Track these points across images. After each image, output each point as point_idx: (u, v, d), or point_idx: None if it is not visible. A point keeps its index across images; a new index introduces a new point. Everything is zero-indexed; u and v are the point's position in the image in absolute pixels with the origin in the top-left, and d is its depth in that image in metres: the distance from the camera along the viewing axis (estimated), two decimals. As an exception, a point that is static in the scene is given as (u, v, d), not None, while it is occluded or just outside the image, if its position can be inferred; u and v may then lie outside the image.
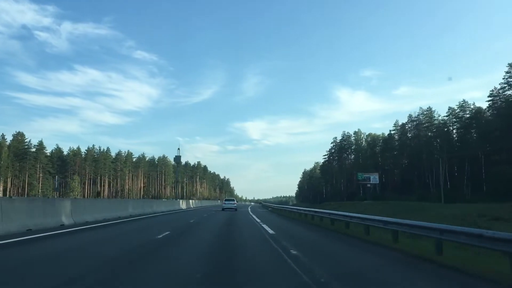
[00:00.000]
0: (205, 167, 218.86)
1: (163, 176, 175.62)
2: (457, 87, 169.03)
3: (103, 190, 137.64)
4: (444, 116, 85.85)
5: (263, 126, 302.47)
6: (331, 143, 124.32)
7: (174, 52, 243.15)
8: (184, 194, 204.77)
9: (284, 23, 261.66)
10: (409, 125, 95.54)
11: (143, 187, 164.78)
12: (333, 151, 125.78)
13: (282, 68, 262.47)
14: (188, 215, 32.68)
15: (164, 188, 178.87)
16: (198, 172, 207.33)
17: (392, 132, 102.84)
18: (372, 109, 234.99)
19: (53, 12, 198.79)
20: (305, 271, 7.03)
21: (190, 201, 56.13)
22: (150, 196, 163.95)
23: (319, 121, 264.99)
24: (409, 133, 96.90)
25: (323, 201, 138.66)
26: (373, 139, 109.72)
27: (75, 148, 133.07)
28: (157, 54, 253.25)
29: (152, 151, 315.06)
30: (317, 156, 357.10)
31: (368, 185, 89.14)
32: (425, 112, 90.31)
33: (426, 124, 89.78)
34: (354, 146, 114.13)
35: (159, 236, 12.73)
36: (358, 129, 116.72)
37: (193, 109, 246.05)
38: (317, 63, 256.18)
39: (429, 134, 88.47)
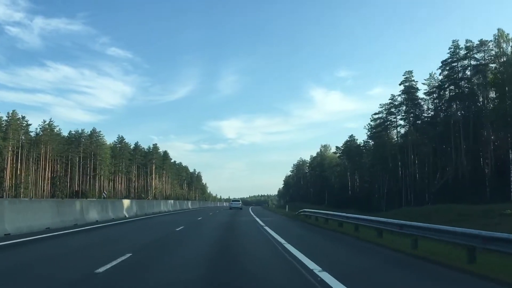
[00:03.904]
0: (165, 153, 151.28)
1: (91, 162, 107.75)
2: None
3: None
4: None
5: (239, 125, 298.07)
6: (403, 78, 59.64)
7: (150, 50, 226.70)
8: (135, 190, 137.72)
9: (261, 23, 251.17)
10: None
11: (51, 178, 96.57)
12: (399, 100, 60.65)
13: (258, 67, 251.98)
14: None
15: (96, 180, 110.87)
16: (154, 159, 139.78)
17: None
18: (346, 109, 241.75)
19: (25, 6, 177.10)
20: None
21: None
22: (64, 195, 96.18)
23: (294, 121, 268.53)
24: None
25: (355, 204, 75.33)
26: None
27: None
28: (132, 51, 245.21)
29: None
30: (295, 154, 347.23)
31: None
32: None
33: None
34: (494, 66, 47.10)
35: None
36: (499, 29, 48.56)
37: (168, 108, 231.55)
38: (293, 63, 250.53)
39: None
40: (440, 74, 51.40)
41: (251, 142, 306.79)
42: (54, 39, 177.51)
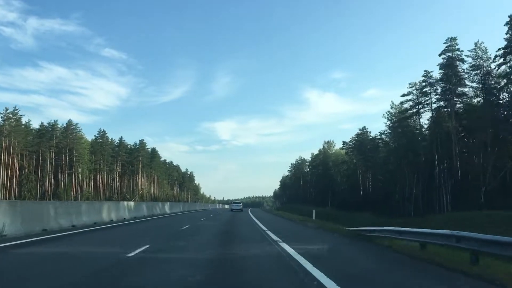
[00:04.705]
0: (153, 150, 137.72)
1: (66, 159, 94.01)
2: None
3: None
4: None
5: (233, 127, 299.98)
6: (445, 46, 44.78)
7: (144, 51, 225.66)
8: (119, 190, 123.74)
9: (255, 24, 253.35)
10: None
11: (17, 176, 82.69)
12: (435, 77, 47.11)
13: (252, 68, 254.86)
14: None
15: (72, 179, 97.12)
16: (141, 156, 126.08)
17: None
18: (340, 111, 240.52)
19: (19, 7, 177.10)
20: None
21: None
22: (33, 196, 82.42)
23: (288, 122, 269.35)
24: None
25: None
26: None
27: None
28: (127, 52, 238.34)
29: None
30: (289, 156, 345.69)
31: None
32: None
33: None
34: None
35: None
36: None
37: (162, 109, 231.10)
38: (287, 64, 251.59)
39: None
40: (507, 33, 38.43)
41: (245, 143, 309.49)
42: (48, 40, 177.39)
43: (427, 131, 54.23)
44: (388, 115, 62.26)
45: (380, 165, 72.35)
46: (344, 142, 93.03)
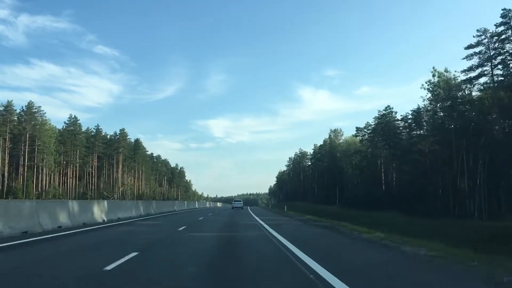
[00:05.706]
0: (137, 141, 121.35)
1: (25, 148, 77.50)
2: (416, 87, 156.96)
3: None
4: None
5: (227, 124, 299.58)
6: None
7: (137, 48, 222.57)
8: (95, 187, 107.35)
9: (249, 22, 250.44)
10: None
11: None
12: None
13: (246, 66, 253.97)
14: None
15: (35, 173, 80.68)
16: (122, 148, 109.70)
17: None
18: (334, 108, 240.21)
19: (10, 4, 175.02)
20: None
21: None
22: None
23: (282, 120, 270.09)
24: None
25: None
26: None
27: None
28: (119, 49, 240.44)
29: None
30: (283, 153, 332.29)
31: None
32: None
33: None
34: None
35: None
36: None
37: (156, 106, 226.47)
38: (281, 62, 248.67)
39: None
40: None
41: (239, 141, 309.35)
42: (40, 37, 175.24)
43: (490, 99, 38.65)
44: (429, 85, 46.63)
45: (413, 152, 56.98)
46: (358, 128, 77.75)
